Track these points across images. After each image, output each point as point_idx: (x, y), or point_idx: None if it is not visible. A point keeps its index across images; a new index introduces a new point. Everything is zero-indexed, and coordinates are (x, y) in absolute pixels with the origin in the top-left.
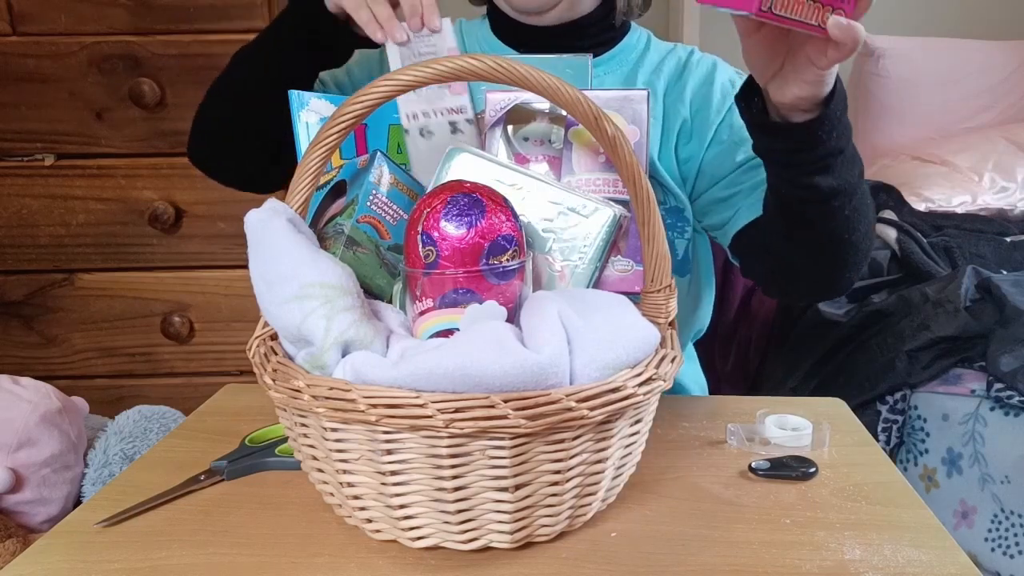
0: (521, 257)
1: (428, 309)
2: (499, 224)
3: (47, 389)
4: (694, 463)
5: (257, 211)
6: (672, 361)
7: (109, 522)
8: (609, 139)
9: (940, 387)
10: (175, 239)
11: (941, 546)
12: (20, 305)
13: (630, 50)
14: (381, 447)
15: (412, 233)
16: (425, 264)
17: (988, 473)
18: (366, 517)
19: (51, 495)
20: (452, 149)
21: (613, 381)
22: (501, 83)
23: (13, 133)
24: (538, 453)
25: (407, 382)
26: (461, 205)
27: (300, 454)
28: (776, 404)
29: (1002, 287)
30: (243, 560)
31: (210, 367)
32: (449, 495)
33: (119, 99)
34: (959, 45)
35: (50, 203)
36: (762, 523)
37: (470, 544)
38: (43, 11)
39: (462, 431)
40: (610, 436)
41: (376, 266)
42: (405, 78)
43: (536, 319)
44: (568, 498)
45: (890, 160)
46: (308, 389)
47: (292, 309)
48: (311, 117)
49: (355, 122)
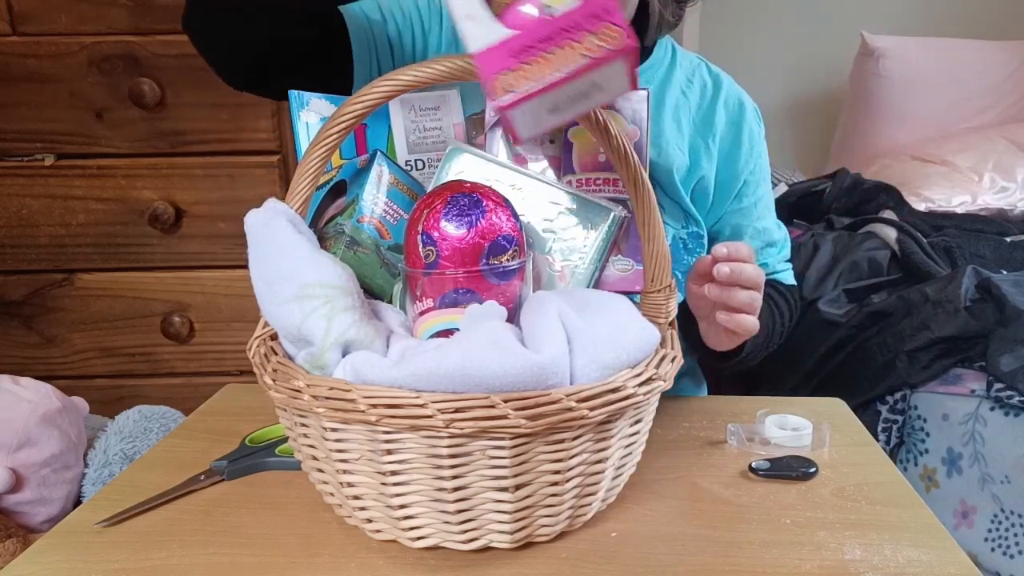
0: (521, 257)
1: (428, 309)
2: (499, 224)
3: (47, 389)
4: (694, 463)
5: (257, 211)
6: (672, 361)
7: (109, 522)
8: (611, 139)
9: (940, 387)
10: (175, 239)
11: (941, 546)
12: (20, 305)
13: (658, 65)
14: (381, 447)
15: (412, 233)
16: (425, 264)
17: (988, 473)
18: (366, 517)
19: (51, 495)
20: (452, 149)
21: (613, 381)
22: None
23: (13, 133)
24: (538, 453)
25: (407, 382)
26: (461, 205)
27: (300, 454)
28: (776, 404)
29: (1002, 287)
30: (243, 560)
31: (210, 367)
32: (449, 495)
33: (119, 99)
34: (959, 45)
35: (50, 203)
36: (762, 523)
37: (470, 544)
38: (43, 11)
39: (462, 431)
40: (610, 436)
41: (376, 266)
42: (405, 78)
43: (536, 319)
44: (568, 498)
45: (890, 160)
46: (308, 389)
47: (292, 309)
48: (311, 117)
49: (355, 122)
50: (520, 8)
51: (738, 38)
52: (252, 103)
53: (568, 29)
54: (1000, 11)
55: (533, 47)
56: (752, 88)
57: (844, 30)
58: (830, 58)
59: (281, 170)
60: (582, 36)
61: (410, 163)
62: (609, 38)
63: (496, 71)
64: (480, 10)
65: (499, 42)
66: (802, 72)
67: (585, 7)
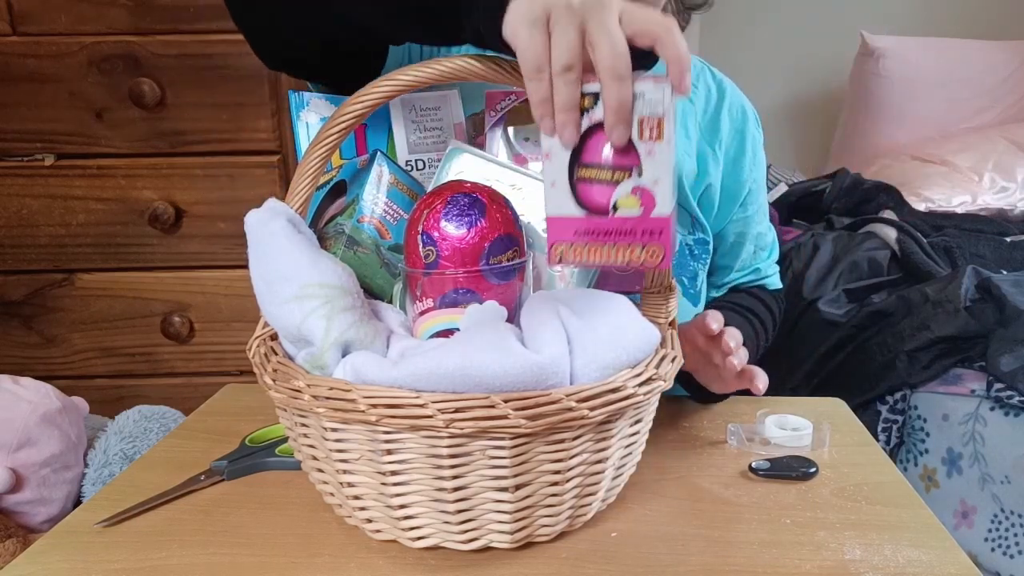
0: (521, 257)
1: (428, 309)
2: (499, 224)
3: (47, 389)
4: (694, 463)
5: (257, 211)
6: (672, 361)
7: (109, 522)
8: None
9: (940, 387)
10: (175, 239)
11: (941, 546)
12: (20, 305)
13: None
14: (381, 447)
15: (412, 233)
16: (425, 264)
17: (988, 473)
18: (366, 517)
19: (51, 495)
20: (452, 149)
21: (613, 381)
22: (501, 83)
23: (13, 133)
24: (538, 453)
25: (407, 382)
26: (461, 205)
27: (300, 454)
28: (776, 404)
29: (1002, 287)
30: (243, 560)
31: (210, 367)
32: (449, 495)
33: (119, 99)
34: (959, 45)
35: (50, 203)
36: (762, 523)
37: (470, 544)
38: (43, 11)
39: (462, 431)
40: (610, 436)
41: (376, 266)
42: (405, 78)
43: (536, 320)
44: (568, 498)
45: (890, 160)
46: (308, 389)
47: (292, 309)
48: (311, 117)
49: (355, 122)
50: (593, 187)
51: (738, 38)
52: (252, 103)
53: (625, 233)
54: (1000, 11)
55: (592, 233)
56: (752, 89)
57: (844, 30)
58: (830, 58)
59: (281, 170)
60: (633, 243)
61: (410, 163)
62: (653, 254)
63: (557, 239)
64: (564, 179)
65: (569, 217)
66: (802, 72)
67: (644, 222)
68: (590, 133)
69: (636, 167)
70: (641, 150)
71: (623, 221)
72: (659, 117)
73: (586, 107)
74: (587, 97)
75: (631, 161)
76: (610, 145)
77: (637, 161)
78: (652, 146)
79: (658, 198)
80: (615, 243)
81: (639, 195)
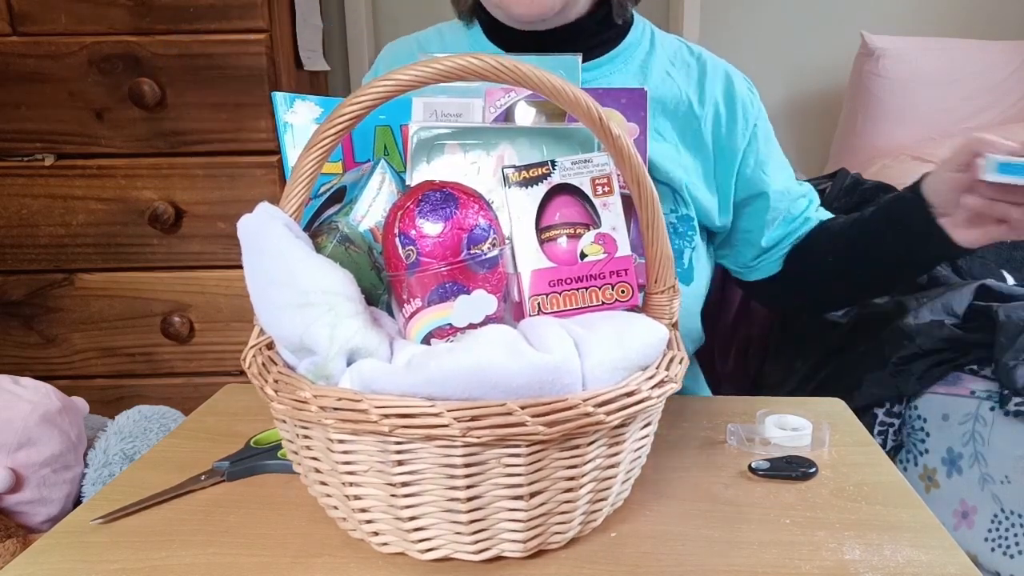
0: (501, 245)
1: (418, 309)
2: (474, 214)
3: (47, 389)
4: (694, 463)
5: (251, 216)
6: (680, 362)
7: (106, 519)
8: (612, 140)
9: (940, 387)
10: (175, 239)
11: (941, 546)
12: (20, 305)
13: (635, 46)
14: (392, 458)
15: (390, 237)
16: (407, 265)
17: (988, 473)
18: (373, 530)
19: (51, 495)
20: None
21: (627, 384)
22: (502, 83)
23: (13, 133)
24: (553, 460)
25: (421, 388)
26: (433, 201)
27: (301, 467)
28: (776, 404)
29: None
30: (243, 560)
31: (210, 367)
32: (462, 505)
33: (119, 99)
34: (959, 45)
35: (50, 203)
36: (762, 523)
37: (481, 555)
38: (43, 11)
39: (479, 440)
40: (623, 440)
41: (367, 267)
42: (404, 78)
43: (539, 332)
44: (582, 504)
45: (890, 160)
46: (315, 400)
47: (293, 317)
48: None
49: (352, 124)
50: (557, 244)
51: (738, 38)
52: (252, 103)
53: (595, 276)
54: (1000, 11)
55: (566, 281)
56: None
57: (844, 30)
58: (830, 58)
59: (281, 170)
60: (603, 285)
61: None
62: (623, 292)
63: (535, 292)
64: (532, 240)
65: (543, 269)
66: (802, 72)
67: (610, 263)
68: (550, 197)
69: (594, 220)
70: (597, 204)
71: (591, 266)
72: (607, 175)
73: (544, 174)
74: (546, 165)
75: (587, 218)
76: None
77: (591, 217)
78: (606, 200)
79: (619, 241)
80: (588, 287)
81: (602, 241)
